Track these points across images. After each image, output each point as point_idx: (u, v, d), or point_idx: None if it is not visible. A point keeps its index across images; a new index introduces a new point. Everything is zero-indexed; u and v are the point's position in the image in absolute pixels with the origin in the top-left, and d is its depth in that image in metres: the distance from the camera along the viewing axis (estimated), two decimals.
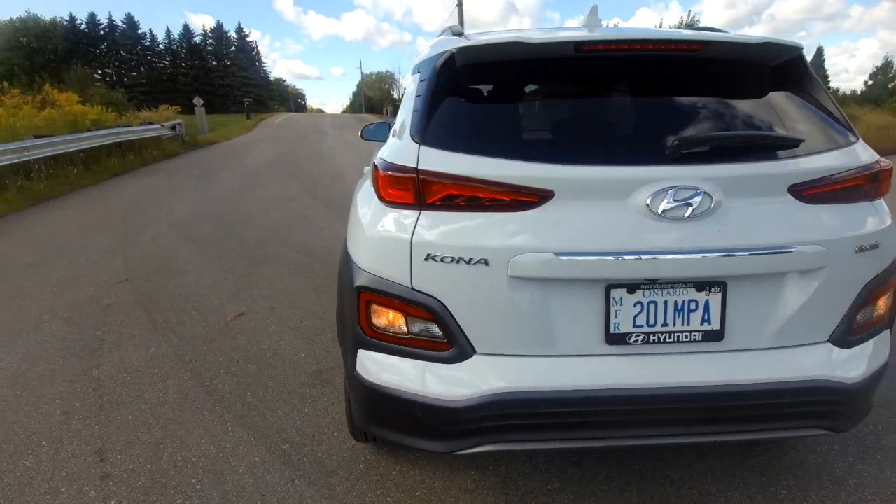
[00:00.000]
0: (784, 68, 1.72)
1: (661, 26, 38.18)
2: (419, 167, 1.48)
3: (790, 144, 1.56)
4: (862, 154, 1.60)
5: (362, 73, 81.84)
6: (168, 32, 70.35)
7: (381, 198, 1.57)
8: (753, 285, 1.51)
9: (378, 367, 1.58)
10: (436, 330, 1.50)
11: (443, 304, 1.48)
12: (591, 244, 1.42)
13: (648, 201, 1.41)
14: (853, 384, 1.56)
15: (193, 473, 2.10)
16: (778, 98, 1.71)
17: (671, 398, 1.49)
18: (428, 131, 1.55)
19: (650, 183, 1.42)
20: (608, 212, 1.44)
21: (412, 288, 1.49)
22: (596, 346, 1.50)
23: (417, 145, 1.53)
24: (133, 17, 65.89)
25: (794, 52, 1.68)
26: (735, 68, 1.73)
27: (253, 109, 44.74)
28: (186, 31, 67.77)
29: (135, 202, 8.33)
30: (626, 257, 1.42)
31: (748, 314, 1.53)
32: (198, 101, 22.47)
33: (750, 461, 2.11)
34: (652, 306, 1.49)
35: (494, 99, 1.69)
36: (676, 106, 1.73)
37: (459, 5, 27.75)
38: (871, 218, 1.58)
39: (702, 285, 1.49)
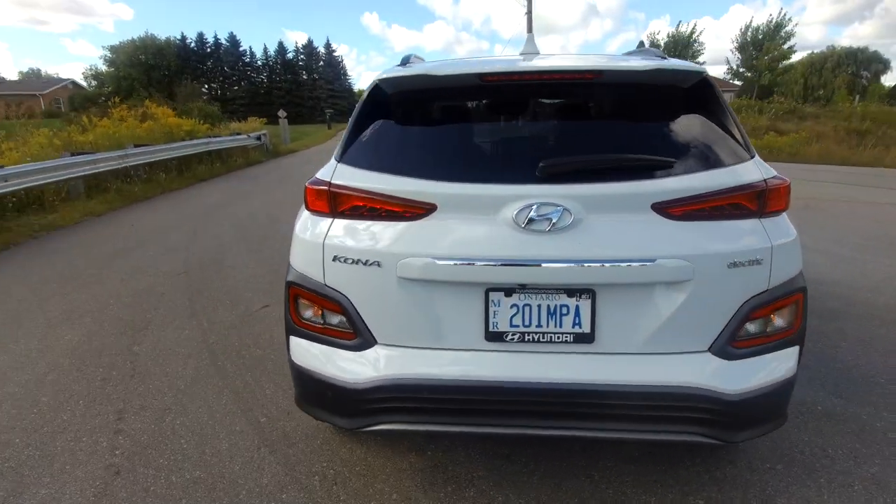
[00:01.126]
0: (691, 91, 1.79)
1: (749, 24, 35.90)
2: (332, 181, 1.74)
3: (661, 165, 1.64)
4: (748, 173, 1.64)
5: None
6: (265, 49, 75.72)
7: (307, 207, 1.84)
8: (622, 294, 1.61)
9: (303, 352, 1.84)
10: (344, 321, 1.73)
11: (348, 299, 1.71)
12: (464, 251, 1.60)
13: (514, 216, 1.57)
14: (731, 395, 1.61)
15: (184, 435, 2.47)
16: (676, 119, 1.78)
17: (542, 392, 1.61)
18: (347, 151, 1.80)
19: (517, 200, 1.57)
20: (481, 224, 1.61)
21: (324, 284, 1.74)
22: (477, 342, 1.66)
23: (336, 163, 1.78)
24: (235, 36, 71.66)
25: (696, 77, 1.75)
26: (636, 92, 1.82)
27: (335, 119, 47.14)
28: (281, 48, 72.62)
29: (212, 204, 9.25)
30: (495, 264, 1.58)
31: (618, 320, 1.62)
32: (281, 113, 24.21)
33: (680, 470, 2.14)
34: (527, 308, 1.63)
35: (403, 123, 1.89)
36: (562, 129, 1.85)
37: (529, 13, 27.78)
38: (750, 235, 1.62)
39: (572, 292, 1.61)
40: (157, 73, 58.60)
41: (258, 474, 2.18)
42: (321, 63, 72.93)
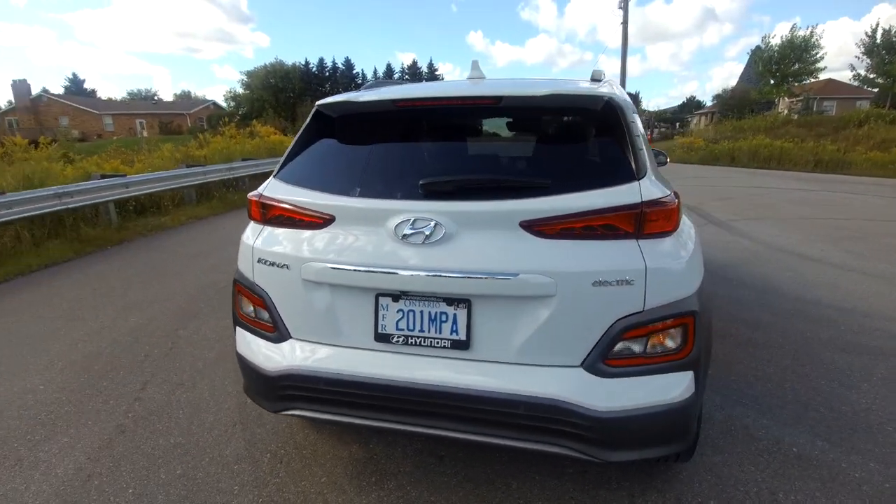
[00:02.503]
0: (592, 114, 1.80)
1: (876, 25, 31.08)
2: (263, 194, 1.97)
3: (532, 186, 1.67)
4: (625, 195, 1.61)
5: None
6: (375, 71, 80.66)
7: (248, 216, 2.09)
8: (495, 305, 1.65)
9: (242, 342, 2.08)
10: (266, 316, 1.95)
11: (269, 296, 1.93)
12: (354, 259, 1.74)
13: (394, 228, 1.68)
14: (599, 412, 1.58)
15: (183, 407, 2.84)
16: (570, 141, 1.80)
17: (422, 393, 1.70)
18: (283, 168, 2.03)
19: (397, 214, 1.69)
20: (370, 235, 1.74)
21: (254, 282, 1.97)
22: (368, 342, 1.79)
23: (272, 178, 2.02)
24: (350, 60, 76.97)
25: (594, 102, 1.76)
26: (534, 116, 1.85)
27: None
28: (389, 70, 76.90)
29: None
30: (380, 272, 1.70)
31: (492, 330, 1.67)
32: None
33: (602, 491, 2.08)
34: (411, 314, 1.73)
35: (326, 144, 2.06)
36: (456, 150, 1.92)
37: (624, 23, 26.79)
38: (621, 256, 1.59)
39: (450, 300, 1.69)
40: (283, 95, 64.62)
41: (224, 446, 2.47)
42: (423, 80, 75.93)
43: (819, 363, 3.13)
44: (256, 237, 1.96)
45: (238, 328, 2.12)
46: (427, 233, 1.65)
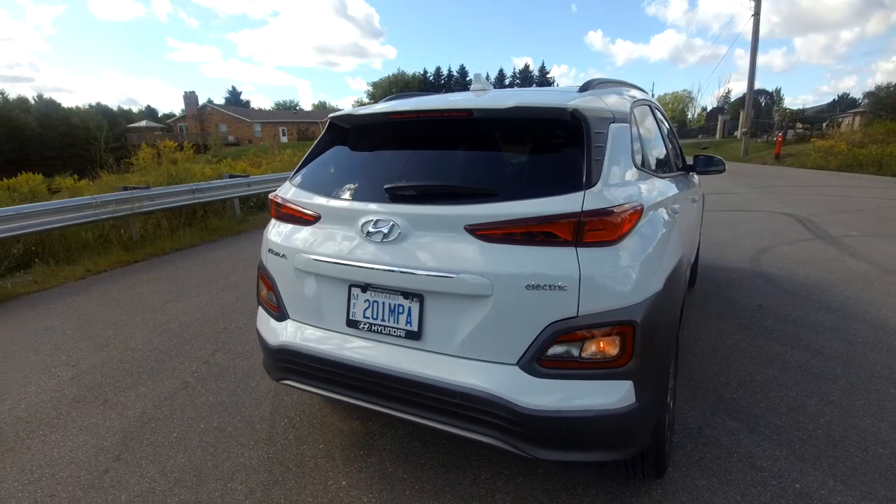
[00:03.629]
0: (555, 125, 1.84)
1: None
2: (277, 195, 2.28)
3: (479, 192, 1.75)
4: (567, 204, 1.63)
5: (653, 93, 78.17)
6: (487, 76, 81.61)
7: (270, 214, 2.41)
8: (443, 301, 1.77)
9: (260, 319, 2.41)
10: (273, 298, 2.25)
11: (275, 281, 2.23)
12: (331, 252, 1.96)
13: (361, 227, 1.87)
14: (526, 409, 1.63)
15: (237, 373, 3.29)
16: (529, 151, 1.85)
17: (380, 376, 1.86)
18: (297, 174, 2.32)
19: (364, 215, 1.88)
20: (344, 232, 1.95)
21: (266, 268, 2.28)
22: (341, 327, 2.00)
23: (287, 182, 2.32)
24: (464, 67, 78.93)
25: (556, 113, 1.81)
26: (501, 127, 1.92)
27: None
28: (500, 75, 77.43)
29: None
30: (350, 265, 1.90)
31: (440, 324, 1.79)
32: None
33: (564, 495, 2.08)
34: (375, 304, 1.91)
35: (329, 152, 2.29)
36: (427, 158, 2.03)
37: (756, 15, 24.12)
38: (556, 263, 1.62)
39: (406, 294, 1.83)
40: None
41: (255, 408, 2.85)
42: (533, 84, 75.14)
43: (875, 400, 2.73)
44: (271, 230, 2.28)
45: (259, 307, 2.46)
46: (385, 231, 1.82)
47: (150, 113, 74.98)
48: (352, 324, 1.98)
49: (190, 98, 54.31)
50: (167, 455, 2.45)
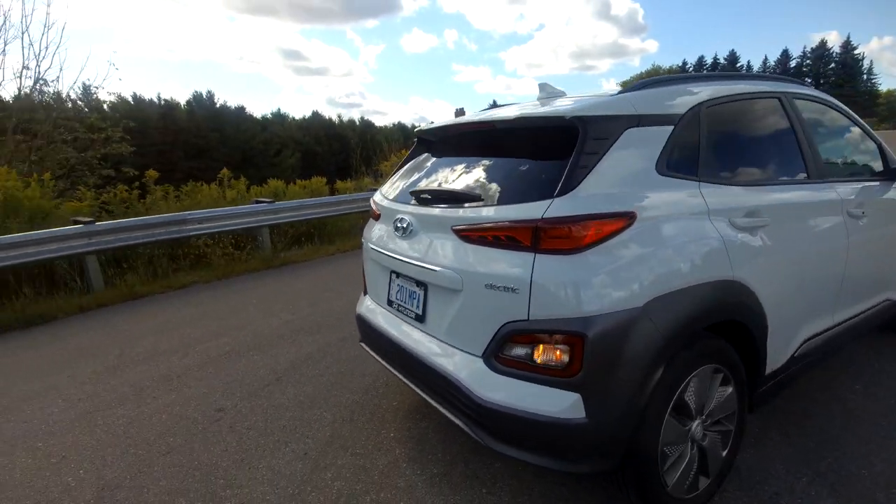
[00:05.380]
0: (557, 133, 1.85)
1: None
2: (372, 199, 2.81)
3: (465, 198, 1.93)
4: (532, 211, 1.68)
5: None
6: (765, 61, 68.13)
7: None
8: (438, 292, 2.00)
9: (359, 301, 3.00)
10: (364, 278, 2.81)
11: (362, 265, 2.78)
12: (379, 243, 2.39)
13: (395, 223, 2.24)
14: (481, 400, 1.74)
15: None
16: (524, 159, 1.93)
17: (398, 347, 2.20)
18: (389, 179, 2.82)
19: (398, 213, 2.24)
20: (388, 227, 2.33)
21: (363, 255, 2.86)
22: (384, 304, 2.41)
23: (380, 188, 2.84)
24: (735, 53, 67.92)
25: (555, 122, 1.86)
26: (514, 136, 2.03)
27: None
28: (784, 56, 63.71)
29: None
30: (385, 253, 2.30)
31: (435, 311, 2.03)
32: None
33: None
34: (402, 288, 2.26)
35: (411, 162, 2.63)
36: (451, 164, 2.23)
37: None
38: (511, 265, 1.69)
39: (418, 283, 2.13)
40: None
41: (371, 364, 3.50)
42: (831, 65, 59.28)
43: None
44: (368, 225, 2.84)
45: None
46: (403, 227, 2.17)
47: None
48: (389, 303, 2.37)
49: (459, 113, 61.48)
50: (305, 382, 3.31)
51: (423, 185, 2.30)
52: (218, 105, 50.58)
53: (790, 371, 2.29)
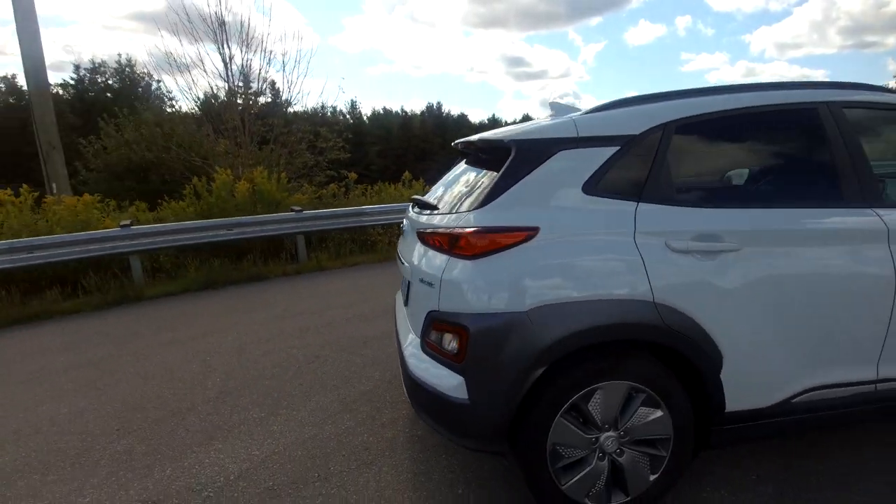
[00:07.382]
0: (503, 153, 2.00)
1: None
2: None
3: (431, 206, 2.27)
4: (456, 220, 1.95)
5: None
6: None
7: None
8: (411, 282, 2.32)
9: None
10: None
11: None
12: (401, 246, 2.83)
13: (402, 226, 2.68)
14: (410, 372, 2.02)
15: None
16: (483, 175, 2.14)
17: (397, 326, 2.64)
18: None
19: (405, 218, 2.66)
20: (408, 234, 2.70)
21: None
22: (405, 288, 2.85)
23: None
24: None
25: (497, 143, 2.07)
26: (485, 155, 2.23)
27: None
28: None
29: None
30: (399, 250, 2.76)
31: (411, 298, 2.31)
32: None
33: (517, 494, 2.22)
34: (404, 279, 2.68)
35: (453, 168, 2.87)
36: (460, 175, 2.47)
37: None
38: (434, 264, 1.99)
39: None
40: None
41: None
42: None
43: None
44: None
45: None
46: (403, 229, 2.60)
47: None
48: (406, 302, 2.73)
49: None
50: (346, 358, 3.95)
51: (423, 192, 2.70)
52: (444, 114, 56.69)
53: (785, 419, 1.95)
